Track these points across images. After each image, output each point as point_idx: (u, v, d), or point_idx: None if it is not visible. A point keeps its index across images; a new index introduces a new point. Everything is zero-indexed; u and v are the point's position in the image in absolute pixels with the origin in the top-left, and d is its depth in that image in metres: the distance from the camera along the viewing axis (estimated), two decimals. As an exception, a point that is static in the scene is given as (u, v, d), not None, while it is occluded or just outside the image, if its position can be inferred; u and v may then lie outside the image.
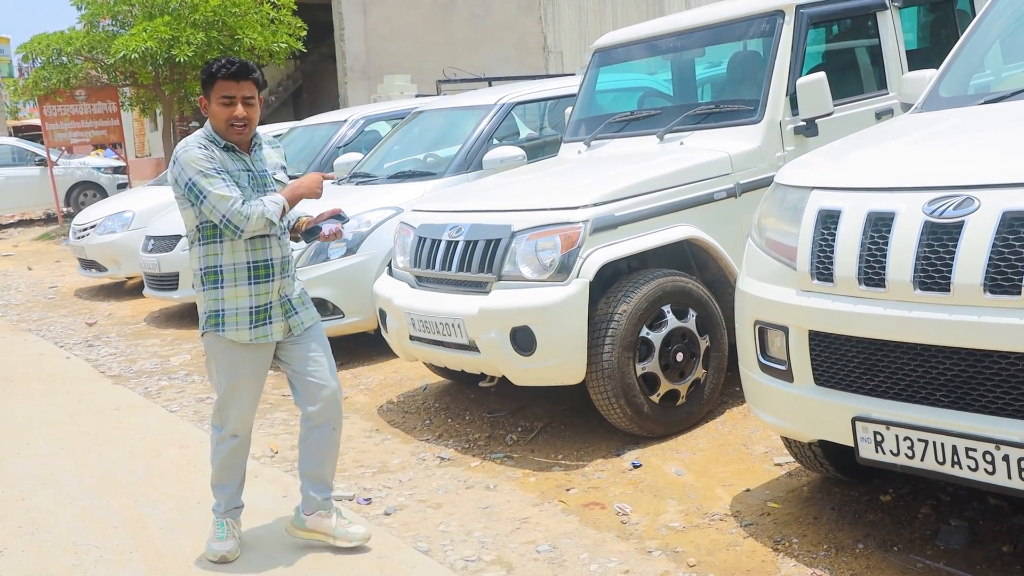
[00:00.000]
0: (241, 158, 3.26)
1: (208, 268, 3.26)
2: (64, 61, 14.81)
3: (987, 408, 2.47)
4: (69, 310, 9.21)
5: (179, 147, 3.20)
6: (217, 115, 3.20)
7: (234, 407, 3.38)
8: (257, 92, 3.26)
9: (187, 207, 3.22)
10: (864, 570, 2.94)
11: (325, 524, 3.42)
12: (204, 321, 3.31)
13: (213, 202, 3.10)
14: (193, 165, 3.12)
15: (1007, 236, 2.41)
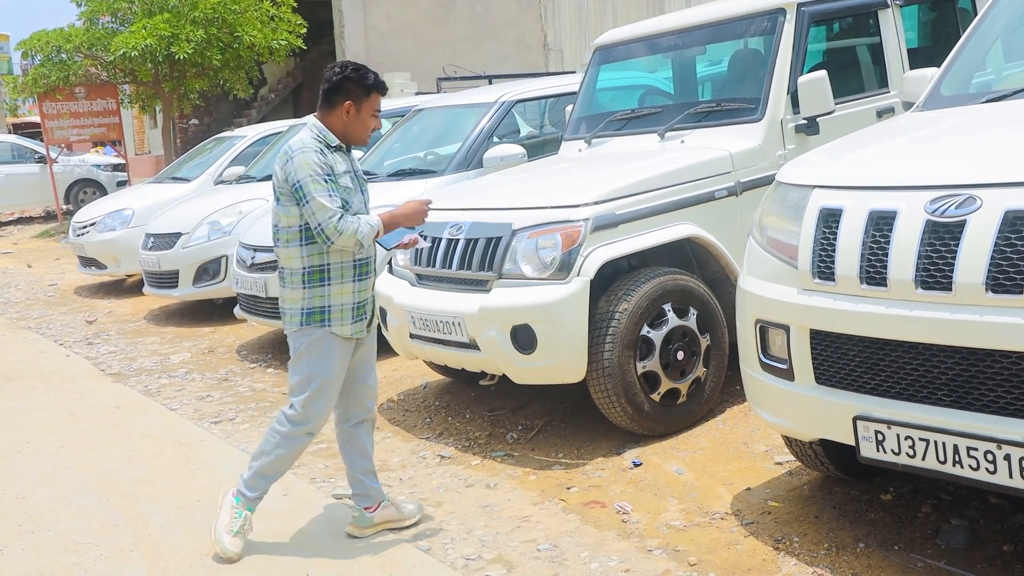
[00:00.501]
0: (347, 159, 3.38)
1: (314, 267, 3.31)
2: (63, 58, 14.79)
3: (988, 407, 2.47)
4: (69, 308, 9.21)
5: (296, 145, 3.26)
6: (365, 124, 3.37)
7: (324, 401, 3.40)
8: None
9: (291, 205, 3.28)
10: (865, 569, 2.94)
11: (391, 512, 3.54)
12: (305, 317, 3.33)
13: (314, 208, 3.19)
14: (306, 168, 3.21)
15: (1009, 235, 2.41)
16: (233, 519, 3.40)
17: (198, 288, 7.85)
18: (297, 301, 3.34)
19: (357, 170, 3.43)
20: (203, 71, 14.77)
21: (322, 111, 3.36)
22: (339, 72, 3.33)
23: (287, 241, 3.33)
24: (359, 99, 3.34)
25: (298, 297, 3.34)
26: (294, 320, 3.36)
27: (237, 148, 10.05)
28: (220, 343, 7.16)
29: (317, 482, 4.16)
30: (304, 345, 3.36)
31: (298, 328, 3.35)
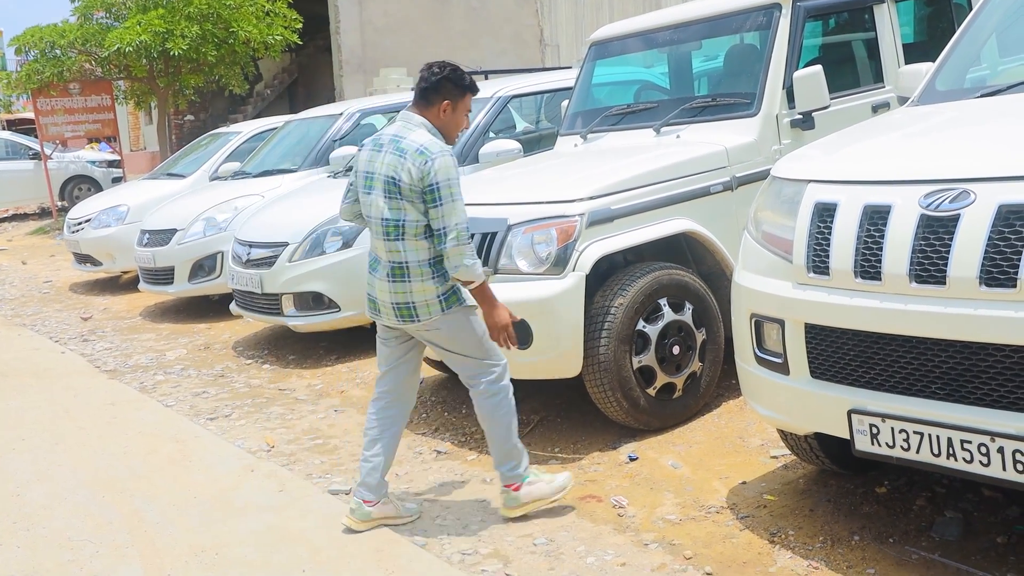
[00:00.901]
0: None
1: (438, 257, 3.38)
2: (58, 54, 14.73)
3: (982, 400, 2.48)
4: (64, 305, 9.19)
5: (436, 149, 3.29)
6: (458, 123, 3.49)
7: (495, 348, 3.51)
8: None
9: (416, 203, 3.30)
10: (860, 562, 2.95)
11: (389, 509, 3.55)
12: (444, 302, 3.39)
13: (453, 210, 3.27)
14: (448, 172, 3.28)
15: (1003, 229, 2.41)
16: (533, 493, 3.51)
17: (194, 284, 7.84)
18: (432, 291, 3.38)
19: None
20: (198, 67, 14.73)
21: (419, 108, 3.43)
22: (438, 72, 3.41)
23: (415, 235, 3.34)
24: (456, 99, 3.44)
25: (432, 287, 3.38)
26: (434, 309, 3.39)
27: (233, 144, 10.04)
28: (216, 339, 7.15)
29: (313, 478, 4.16)
30: (455, 326, 3.44)
31: (441, 315, 3.40)
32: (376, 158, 3.41)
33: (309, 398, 5.43)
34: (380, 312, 3.50)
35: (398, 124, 3.44)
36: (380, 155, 3.40)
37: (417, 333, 3.50)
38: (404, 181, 3.29)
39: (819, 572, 2.92)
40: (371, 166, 3.42)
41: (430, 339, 3.50)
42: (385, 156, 3.38)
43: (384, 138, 3.44)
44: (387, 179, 3.34)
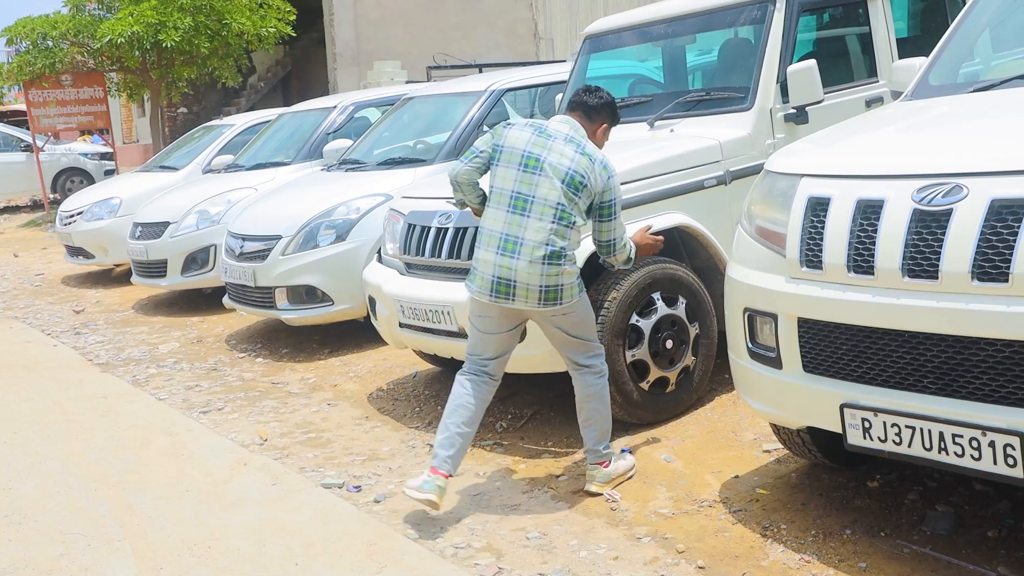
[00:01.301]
0: None
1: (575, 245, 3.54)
2: (50, 45, 14.65)
3: (974, 395, 2.49)
4: (56, 298, 9.16)
5: (612, 168, 3.53)
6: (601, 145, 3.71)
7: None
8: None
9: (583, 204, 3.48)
10: (851, 555, 2.96)
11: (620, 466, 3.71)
12: (580, 287, 3.57)
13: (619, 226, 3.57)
14: (619, 191, 3.56)
15: (995, 224, 2.42)
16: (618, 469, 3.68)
17: (186, 277, 7.82)
18: (574, 276, 3.53)
19: None
20: (191, 59, 14.67)
21: (580, 119, 3.64)
22: (606, 97, 3.70)
23: (572, 226, 3.48)
24: (611, 125, 3.75)
25: (574, 272, 3.53)
26: (575, 292, 3.53)
27: (226, 137, 10.00)
28: (209, 333, 7.14)
29: (306, 471, 4.16)
30: (583, 309, 3.61)
31: (578, 298, 3.55)
32: (546, 144, 3.49)
33: (302, 392, 5.42)
34: (513, 295, 3.45)
35: (565, 125, 3.57)
36: (552, 143, 3.49)
37: (546, 317, 3.55)
38: (590, 184, 3.46)
39: (811, 566, 2.93)
40: (539, 151, 3.48)
41: (560, 323, 3.58)
42: (564, 148, 3.48)
43: (551, 130, 3.53)
44: (572, 172, 3.44)
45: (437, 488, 3.45)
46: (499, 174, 3.50)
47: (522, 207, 3.45)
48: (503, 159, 3.50)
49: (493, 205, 3.52)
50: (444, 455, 3.51)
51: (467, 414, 3.57)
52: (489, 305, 3.52)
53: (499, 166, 3.51)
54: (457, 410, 3.58)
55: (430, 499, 3.44)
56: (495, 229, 3.48)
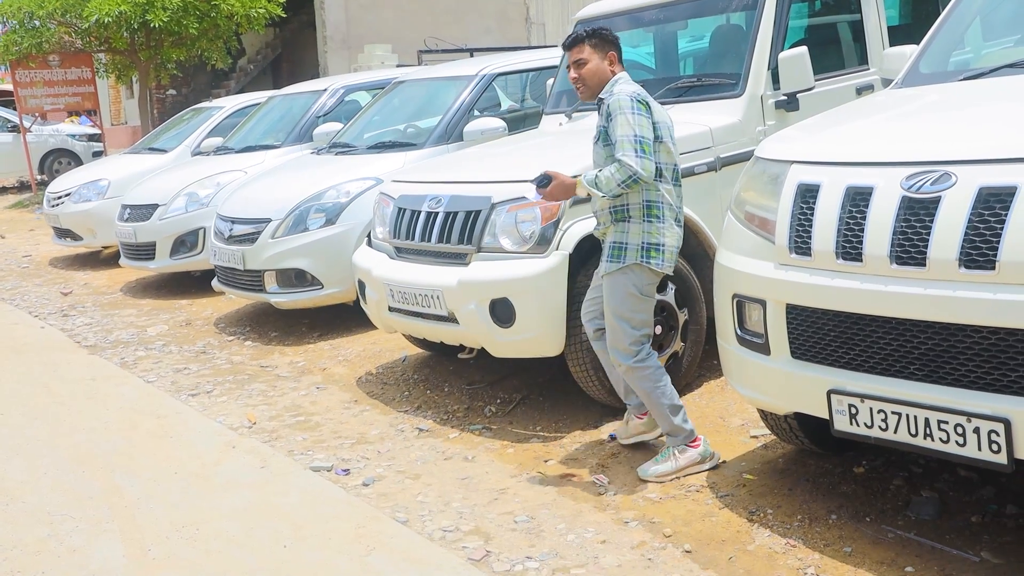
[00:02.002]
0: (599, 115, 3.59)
1: None
2: (36, 25, 14.49)
3: (959, 381, 2.51)
4: (43, 279, 9.11)
5: None
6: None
7: None
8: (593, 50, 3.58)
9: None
10: (837, 540, 2.99)
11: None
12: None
13: None
14: None
15: (983, 211, 2.43)
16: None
17: (175, 260, 7.79)
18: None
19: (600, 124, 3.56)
20: (180, 40, 14.54)
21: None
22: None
23: None
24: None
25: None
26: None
27: (215, 119, 9.94)
28: (198, 316, 7.12)
29: (295, 454, 4.16)
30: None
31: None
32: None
33: (291, 375, 5.42)
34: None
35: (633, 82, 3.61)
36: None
37: None
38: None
39: (797, 550, 2.96)
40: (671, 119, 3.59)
41: None
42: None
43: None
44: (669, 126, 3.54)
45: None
46: (664, 150, 3.50)
47: (678, 179, 3.60)
48: (666, 136, 3.51)
49: (664, 181, 3.51)
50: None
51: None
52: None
53: (665, 142, 3.50)
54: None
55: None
56: (670, 203, 3.54)
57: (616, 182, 3.36)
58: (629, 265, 3.48)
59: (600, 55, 3.57)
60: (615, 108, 3.41)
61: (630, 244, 3.49)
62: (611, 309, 3.54)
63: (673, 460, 3.56)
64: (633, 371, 3.54)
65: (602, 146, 3.52)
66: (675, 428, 3.57)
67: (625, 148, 3.35)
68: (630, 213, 3.49)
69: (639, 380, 3.55)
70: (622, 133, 3.37)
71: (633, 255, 3.47)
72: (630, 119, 3.37)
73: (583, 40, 3.58)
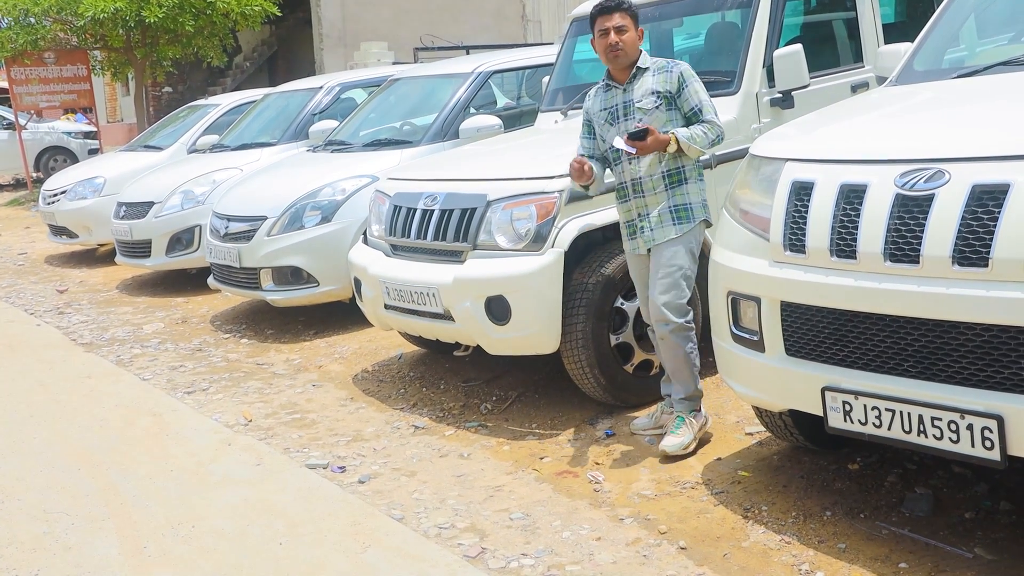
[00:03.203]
0: (615, 94, 3.74)
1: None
2: (32, 22, 14.46)
3: (953, 379, 2.51)
4: (39, 277, 9.10)
5: None
6: (598, 49, 3.73)
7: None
8: (631, 21, 3.68)
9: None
10: (831, 537, 3.00)
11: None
12: None
13: None
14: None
15: (976, 209, 2.44)
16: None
17: (171, 258, 7.79)
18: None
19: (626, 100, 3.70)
20: (176, 38, 14.52)
21: None
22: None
23: None
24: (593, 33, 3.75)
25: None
26: None
27: (211, 116, 9.93)
28: (193, 313, 7.11)
29: (291, 452, 4.17)
30: None
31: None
32: None
33: (287, 373, 5.42)
34: None
35: None
36: None
37: None
38: None
39: (791, 547, 2.97)
40: None
41: None
42: None
43: None
44: None
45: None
46: None
47: None
48: None
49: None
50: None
51: None
52: None
53: None
54: None
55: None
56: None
57: (708, 140, 3.59)
58: (700, 222, 3.68)
59: (635, 26, 3.71)
60: (689, 76, 3.65)
61: (693, 203, 3.67)
62: (674, 268, 3.65)
63: (690, 429, 3.71)
64: (682, 329, 3.66)
65: (664, 110, 3.64)
66: (696, 392, 3.76)
67: (709, 111, 3.63)
68: (687, 175, 3.67)
69: (683, 339, 3.67)
70: (703, 98, 3.64)
71: (700, 212, 3.68)
72: (702, 87, 3.66)
73: (625, 7, 3.68)
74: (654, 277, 3.67)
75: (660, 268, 3.66)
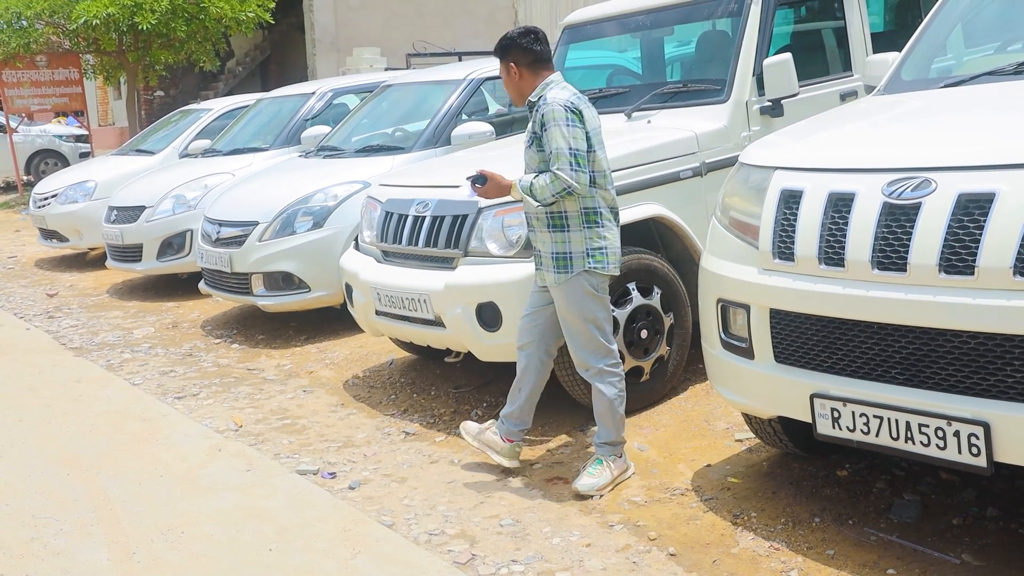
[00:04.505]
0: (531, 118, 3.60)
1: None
2: (24, 25, 14.43)
3: (939, 385, 2.53)
4: (29, 281, 9.07)
5: None
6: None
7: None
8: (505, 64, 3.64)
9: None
10: (820, 543, 3.01)
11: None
12: None
13: None
14: None
15: (962, 218, 2.46)
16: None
17: (162, 262, 7.77)
18: None
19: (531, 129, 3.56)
20: (169, 42, 14.50)
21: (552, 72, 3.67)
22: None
23: None
24: None
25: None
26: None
27: (203, 121, 9.93)
28: (184, 318, 7.10)
29: (281, 458, 4.16)
30: None
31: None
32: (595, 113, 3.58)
33: (278, 378, 5.41)
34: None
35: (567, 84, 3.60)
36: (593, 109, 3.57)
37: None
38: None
39: (780, 553, 2.98)
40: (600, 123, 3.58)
41: None
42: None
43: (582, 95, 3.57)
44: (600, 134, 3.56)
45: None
46: (599, 157, 3.51)
47: (612, 181, 3.62)
48: (596, 143, 3.50)
49: (599, 187, 3.52)
50: None
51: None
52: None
53: (596, 151, 3.50)
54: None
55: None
56: (608, 206, 3.56)
57: (550, 192, 3.37)
58: (578, 274, 3.49)
59: (510, 66, 3.61)
60: (549, 118, 3.39)
61: (574, 252, 3.48)
62: (574, 316, 3.52)
63: (608, 471, 3.55)
64: (604, 374, 3.55)
65: (535, 151, 3.50)
66: (619, 438, 3.61)
67: (560, 162, 3.35)
68: (568, 221, 3.48)
69: (606, 384, 3.55)
70: (556, 146, 3.36)
71: (580, 263, 3.48)
72: (564, 131, 3.36)
73: (497, 53, 3.66)
74: (561, 322, 3.61)
75: (560, 315, 3.59)
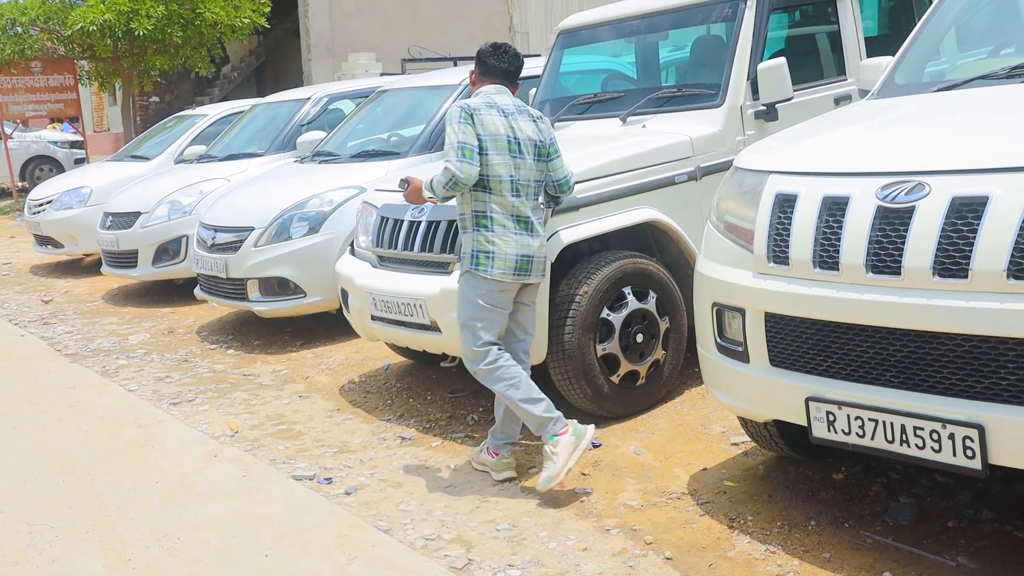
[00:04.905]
0: None
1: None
2: (19, 31, 14.43)
3: (934, 388, 2.54)
4: (24, 287, 9.05)
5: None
6: None
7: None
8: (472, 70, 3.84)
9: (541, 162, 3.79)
10: (816, 546, 3.01)
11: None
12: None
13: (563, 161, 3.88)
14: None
15: (956, 221, 2.47)
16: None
17: (157, 268, 7.77)
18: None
19: None
20: (164, 48, 14.51)
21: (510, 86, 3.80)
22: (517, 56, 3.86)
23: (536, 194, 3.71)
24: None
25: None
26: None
27: (198, 127, 9.93)
28: (180, 324, 7.09)
29: (277, 463, 4.16)
30: None
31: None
32: (516, 123, 3.64)
33: (274, 384, 5.41)
34: (531, 271, 3.63)
35: (506, 96, 3.70)
36: (515, 121, 3.64)
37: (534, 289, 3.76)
38: (544, 143, 3.70)
39: (776, 556, 2.98)
40: (515, 132, 3.62)
41: (532, 292, 3.75)
42: (524, 123, 3.66)
43: (505, 106, 3.65)
44: (538, 144, 3.67)
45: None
46: (493, 162, 3.56)
47: (519, 190, 3.61)
48: (491, 147, 3.56)
49: (494, 192, 3.57)
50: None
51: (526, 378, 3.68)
52: (512, 284, 3.61)
53: (490, 154, 3.56)
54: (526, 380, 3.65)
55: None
56: (505, 212, 3.59)
57: (442, 184, 3.52)
58: (464, 273, 3.63)
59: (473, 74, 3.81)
60: (447, 119, 3.62)
61: (464, 253, 3.65)
62: (458, 316, 3.69)
63: (555, 458, 3.54)
64: (486, 373, 3.63)
65: None
66: (542, 420, 3.58)
67: (448, 154, 3.53)
68: (465, 223, 3.65)
69: (493, 381, 3.63)
70: (447, 141, 3.57)
71: (466, 263, 3.62)
72: (454, 127, 3.55)
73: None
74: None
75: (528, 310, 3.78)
